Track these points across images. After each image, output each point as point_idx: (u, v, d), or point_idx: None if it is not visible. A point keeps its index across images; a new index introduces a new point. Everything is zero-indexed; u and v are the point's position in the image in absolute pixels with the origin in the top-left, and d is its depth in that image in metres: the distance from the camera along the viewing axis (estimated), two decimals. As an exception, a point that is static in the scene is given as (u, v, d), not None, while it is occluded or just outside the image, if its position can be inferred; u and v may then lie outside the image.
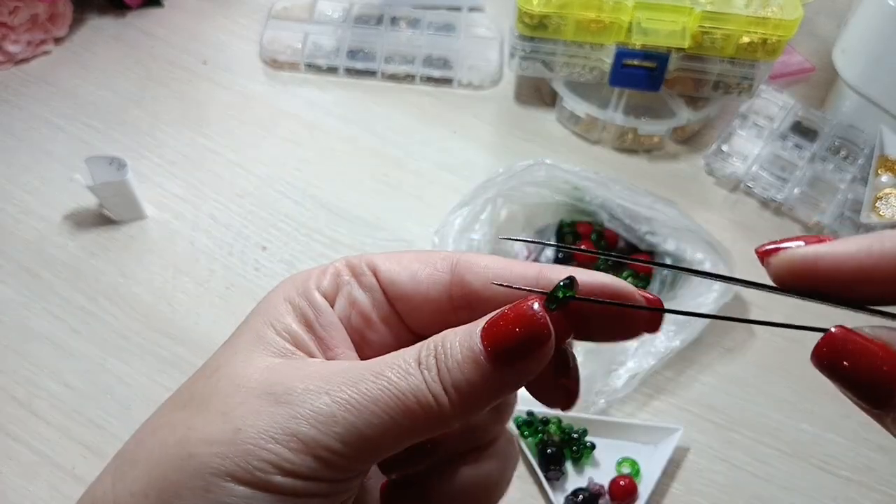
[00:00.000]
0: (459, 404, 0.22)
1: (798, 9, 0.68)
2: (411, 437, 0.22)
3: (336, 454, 0.21)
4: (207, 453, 0.21)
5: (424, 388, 0.22)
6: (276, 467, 0.21)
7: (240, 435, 0.21)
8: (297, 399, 0.22)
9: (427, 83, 0.80)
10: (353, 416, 0.21)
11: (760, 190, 0.71)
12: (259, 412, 0.22)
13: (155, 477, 0.22)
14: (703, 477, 0.55)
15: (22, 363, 0.57)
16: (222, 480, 0.21)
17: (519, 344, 0.22)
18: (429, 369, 0.22)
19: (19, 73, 0.78)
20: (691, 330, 0.59)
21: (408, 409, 0.21)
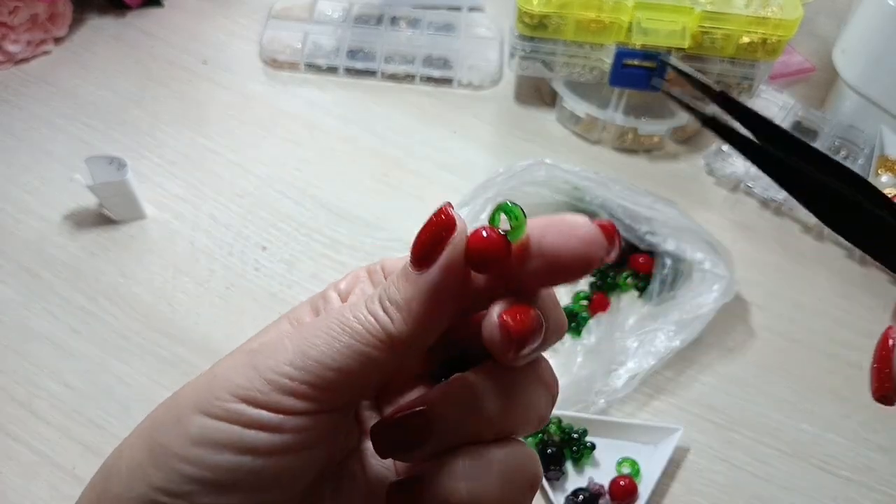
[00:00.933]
0: (400, 318, 0.23)
1: (798, 9, 0.68)
2: (365, 360, 0.23)
3: (286, 376, 0.22)
4: (186, 394, 0.24)
5: (364, 310, 0.23)
6: (233, 395, 0.23)
7: (214, 378, 0.23)
8: (265, 345, 0.24)
9: (427, 83, 0.80)
10: (300, 341, 0.23)
11: (760, 190, 0.71)
12: (234, 359, 0.24)
13: (148, 422, 0.24)
14: (703, 477, 0.55)
15: (22, 363, 0.57)
16: (190, 412, 0.23)
17: (431, 238, 0.23)
18: (372, 298, 0.24)
19: (19, 73, 0.78)
20: (691, 330, 0.59)
21: (350, 329, 0.23)
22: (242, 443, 0.22)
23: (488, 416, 0.24)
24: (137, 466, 0.23)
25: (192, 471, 0.22)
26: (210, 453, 0.22)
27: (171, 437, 0.23)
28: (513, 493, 0.25)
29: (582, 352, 0.59)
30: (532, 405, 0.25)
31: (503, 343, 0.23)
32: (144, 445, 0.23)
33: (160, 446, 0.23)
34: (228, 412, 0.22)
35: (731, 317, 0.62)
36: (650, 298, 0.62)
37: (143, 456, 0.23)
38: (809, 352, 0.61)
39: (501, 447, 0.25)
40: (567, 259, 0.23)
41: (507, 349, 0.23)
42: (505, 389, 0.25)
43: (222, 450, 0.22)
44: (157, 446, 0.23)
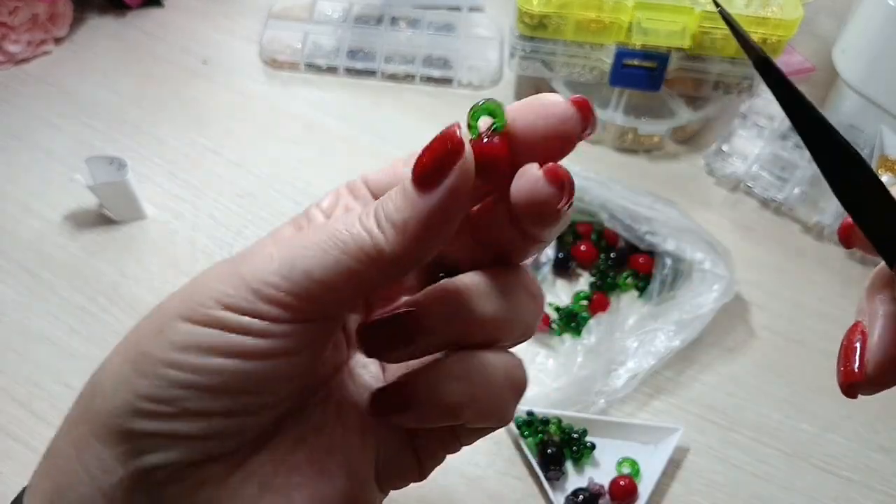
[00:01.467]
0: (396, 236, 0.22)
1: (798, 9, 0.68)
2: (353, 274, 0.22)
3: (273, 286, 0.22)
4: (169, 305, 0.23)
5: (357, 225, 0.22)
6: (218, 302, 0.22)
7: (198, 287, 0.23)
8: (248, 252, 0.24)
9: (427, 83, 0.80)
10: (287, 252, 0.22)
11: (760, 190, 0.71)
12: (219, 268, 0.24)
13: (131, 336, 0.24)
14: (703, 477, 0.55)
15: (22, 363, 0.57)
16: (173, 321, 0.23)
17: (435, 161, 0.22)
18: (366, 214, 0.23)
19: (19, 73, 0.78)
20: (691, 330, 0.59)
21: (341, 243, 0.22)
22: (228, 346, 0.22)
23: (476, 317, 0.24)
24: (122, 378, 0.23)
25: (179, 375, 0.22)
26: (196, 357, 0.22)
27: (155, 345, 0.22)
28: (501, 396, 0.25)
29: (582, 352, 0.59)
30: (519, 312, 0.25)
31: (555, 192, 0.23)
32: (127, 357, 0.23)
33: (143, 355, 0.23)
34: (213, 318, 0.22)
35: (731, 317, 0.62)
36: (650, 298, 0.62)
37: (126, 367, 0.23)
38: (809, 352, 0.61)
39: (490, 351, 0.25)
40: (544, 139, 0.24)
41: (558, 198, 0.23)
42: (493, 292, 0.25)
43: (209, 353, 0.22)
44: (139, 356, 0.23)
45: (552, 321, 0.61)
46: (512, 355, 0.26)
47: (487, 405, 0.25)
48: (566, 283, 0.65)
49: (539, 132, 0.24)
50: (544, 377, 0.58)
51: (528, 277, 0.26)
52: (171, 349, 0.22)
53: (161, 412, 0.22)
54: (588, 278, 0.65)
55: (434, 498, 0.52)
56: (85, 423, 0.24)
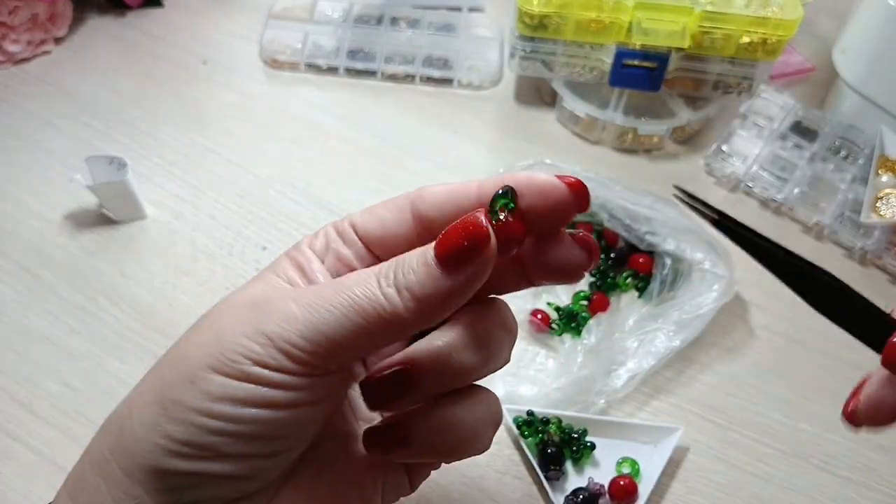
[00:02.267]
0: (414, 304, 0.25)
1: (798, 9, 0.68)
2: (371, 337, 0.25)
3: (298, 348, 0.25)
4: (196, 353, 0.26)
5: (377, 290, 0.25)
6: (248, 359, 0.25)
7: (222, 336, 0.25)
8: (271, 306, 0.26)
9: (427, 83, 0.80)
10: (312, 315, 0.25)
11: (760, 190, 0.71)
12: (239, 318, 0.26)
13: (156, 379, 0.27)
14: (703, 477, 0.55)
15: (22, 363, 0.57)
16: (204, 372, 0.25)
17: (463, 247, 0.24)
18: (385, 277, 0.25)
19: (19, 72, 0.78)
20: (691, 330, 0.59)
21: (361, 309, 0.25)
22: (263, 398, 0.25)
23: (463, 367, 0.27)
24: (152, 423, 0.25)
25: (215, 424, 0.24)
26: (231, 407, 0.24)
27: (188, 395, 0.25)
28: (483, 434, 0.29)
29: (582, 352, 0.59)
30: (499, 351, 0.29)
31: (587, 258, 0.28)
32: (156, 403, 0.25)
33: (173, 402, 0.25)
34: (243, 373, 0.24)
35: (731, 317, 0.62)
36: (650, 298, 0.62)
37: (156, 412, 0.25)
38: (809, 352, 0.61)
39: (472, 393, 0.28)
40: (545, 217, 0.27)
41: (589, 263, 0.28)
42: (477, 341, 0.27)
43: (244, 404, 0.24)
44: (170, 404, 0.25)
45: (552, 321, 0.61)
46: (490, 393, 0.29)
47: (470, 444, 0.28)
48: (566, 283, 0.65)
49: (540, 212, 0.27)
50: (544, 377, 0.58)
51: (504, 311, 0.29)
52: (206, 399, 0.24)
53: (197, 455, 0.24)
54: (588, 278, 0.65)
55: (434, 498, 0.52)
56: (114, 461, 0.26)
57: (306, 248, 0.29)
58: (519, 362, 0.59)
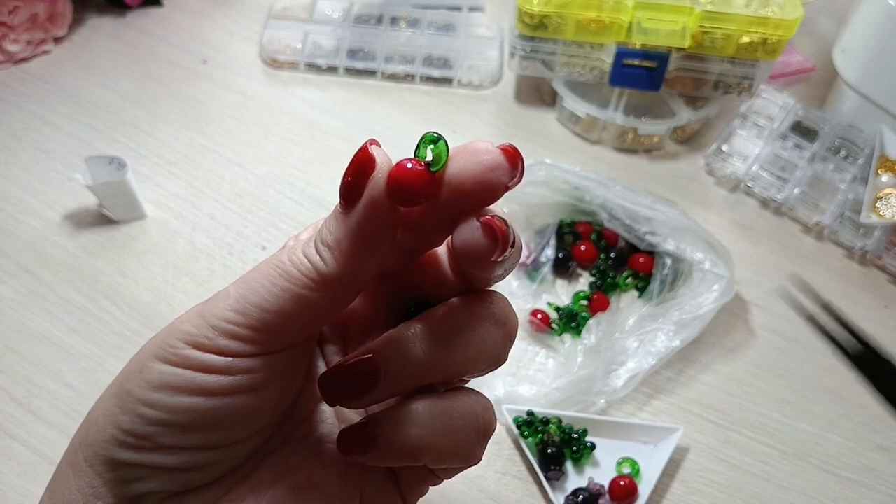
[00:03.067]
0: (331, 257, 0.24)
1: (798, 8, 0.68)
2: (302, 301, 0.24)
3: (231, 322, 0.24)
4: (149, 345, 0.25)
5: (299, 252, 0.24)
6: (184, 342, 0.24)
7: (169, 328, 0.25)
8: (215, 294, 0.25)
9: (427, 83, 0.80)
10: (242, 288, 0.24)
11: (760, 190, 0.71)
12: (190, 311, 0.25)
13: (121, 373, 0.26)
14: (703, 477, 0.55)
15: (21, 363, 0.57)
16: (149, 360, 0.24)
17: (354, 178, 0.24)
18: (308, 241, 0.25)
19: (19, 72, 0.78)
20: (691, 330, 0.59)
21: (287, 273, 0.24)
22: (195, 385, 0.24)
23: (436, 359, 0.24)
24: (109, 413, 0.25)
25: (154, 413, 0.24)
26: (167, 396, 0.24)
27: (134, 384, 0.24)
28: (464, 442, 0.25)
29: (582, 352, 0.59)
30: (484, 346, 0.25)
31: (489, 244, 0.23)
32: (114, 393, 0.25)
33: (126, 393, 0.25)
34: (180, 357, 0.24)
35: (731, 317, 0.62)
36: (650, 298, 0.62)
37: (112, 403, 0.25)
38: (809, 352, 0.61)
39: (453, 395, 0.25)
40: (471, 185, 0.24)
41: (492, 250, 0.23)
42: (453, 331, 0.25)
43: (178, 392, 0.24)
44: (123, 393, 0.25)
45: (552, 321, 0.61)
46: (479, 396, 0.26)
47: (448, 449, 0.25)
48: (566, 283, 0.65)
49: (468, 176, 0.24)
50: (544, 377, 0.58)
51: (496, 304, 0.26)
52: (147, 388, 0.24)
53: (140, 446, 0.24)
54: (588, 278, 0.65)
55: (433, 498, 0.52)
56: (81, 451, 0.26)
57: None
58: (519, 362, 0.59)
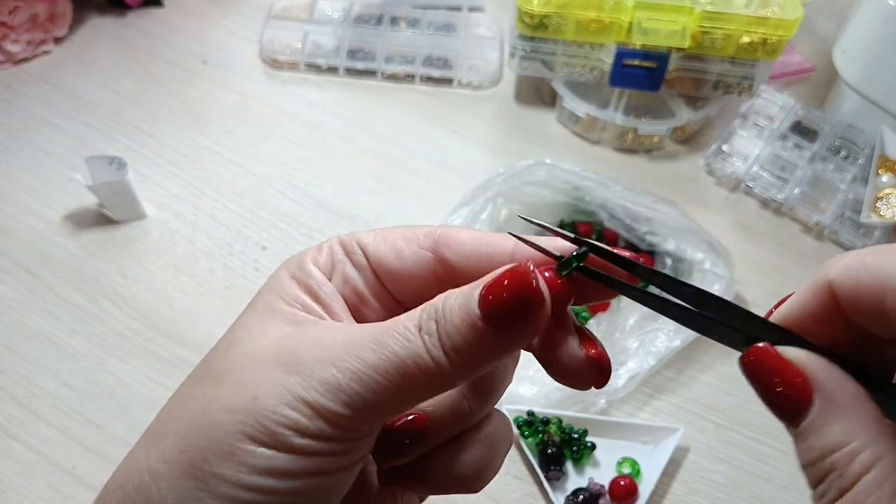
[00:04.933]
0: (459, 365, 0.23)
1: (798, 9, 0.68)
2: (414, 398, 0.24)
3: (342, 417, 0.23)
4: (230, 420, 0.23)
5: (424, 354, 0.23)
6: (292, 430, 0.23)
7: (257, 403, 0.23)
8: (307, 369, 0.23)
9: (427, 83, 0.80)
10: (356, 385, 0.23)
11: (760, 190, 0.71)
12: (273, 381, 0.23)
13: (184, 445, 0.23)
14: (703, 476, 0.55)
15: (21, 363, 0.57)
16: (245, 444, 0.23)
17: (515, 307, 0.23)
18: (429, 334, 0.23)
19: (19, 72, 0.78)
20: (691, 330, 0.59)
21: (408, 374, 0.23)
22: (307, 468, 0.23)
23: (474, 410, 0.26)
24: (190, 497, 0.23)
25: (259, 498, 0.23)
26: (277, 480, 0.23)
27: (228, 468, 0.23)
28: (498, 454, 0.28)
29: (582, 352, 0.58)
30: (507, 379, 0.28)
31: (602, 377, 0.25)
32: (189, 475, 0.23)
33: (214, 477, 0.23)
34: (289, 445, 0.23)
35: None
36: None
37: (191, 486, 0.23)
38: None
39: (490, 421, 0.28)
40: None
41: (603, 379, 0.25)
42: (485, 384, 0.27)
43: (289, 477, 0.23)
44: (209, 477, 0.23)
45: (552, 321, 0.61)
46: (501, 416, 0.29)
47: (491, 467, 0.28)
48: (566, 283, 0.65)
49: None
50: (544, 377, 0.58)
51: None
52: (249, 473, 0.23)
53: None
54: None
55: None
56: None
57: (312, 266, 0.27)
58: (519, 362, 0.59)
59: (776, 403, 0.21)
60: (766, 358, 0.22)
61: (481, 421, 0.28)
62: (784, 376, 0.21)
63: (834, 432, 0.20)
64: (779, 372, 0.21)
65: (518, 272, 0.23)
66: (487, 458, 0.27)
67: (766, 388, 0.22)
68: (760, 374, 0.22)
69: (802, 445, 0.21)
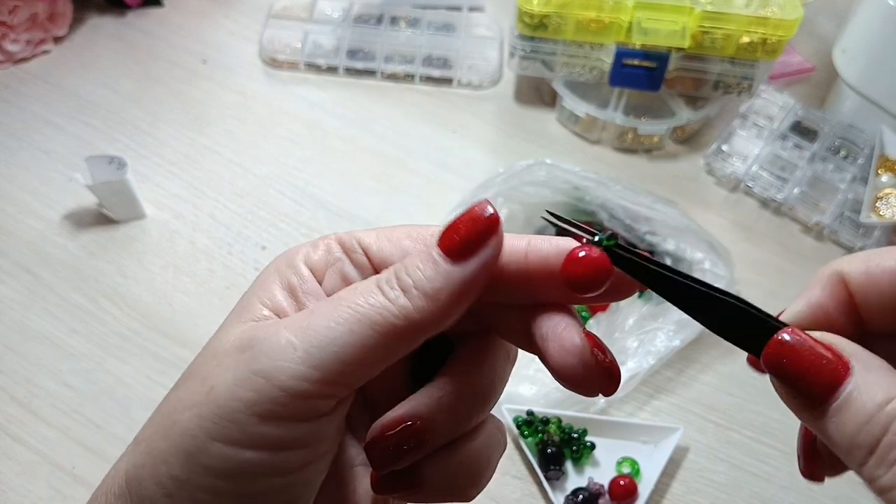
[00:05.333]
0: (425, 304, 0.22)
1: (798, 9, 0.68)
2: (384, 348, 0.22)
3: (304, 379, 0.21)
4: (188, 417, 0.22)
5: (382, 298, 0.22)
6: (252, 415, 0.21)
7: (212, 393, 0.22)
8: (258, 343, 0.22)
9: (427, 83, 0.80)
10: (311, 337, 0.21)
11: (760, 190, 0.71)
12: (227, 367, 0.22)
13: (150, 448, 0.23)
14: (703, 476, 0.55)
15: (21, 363, 0.57)
16: (202, 442, 0.21)
17: (471, 233, 0.23)
18: (388, 282, 0.23)
19: (19, 72, 0.78)
20: (691, 329, 0.59)
21: (368, 319, 0.22)
22: (273, 466, 0.22)
23: (472, 415, 0.26)
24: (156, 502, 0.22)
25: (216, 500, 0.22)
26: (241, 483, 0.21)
27: (186, 471, 0.21)
28: (493, 460, 0.28)
29: (582, 352, 0.58)
30: (504, 380, 0.28)
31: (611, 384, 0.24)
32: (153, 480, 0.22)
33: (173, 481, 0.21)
34: (252, 436, 0.21)
35: (730, 317, 0.62)
36: (650, 298, 0.62)
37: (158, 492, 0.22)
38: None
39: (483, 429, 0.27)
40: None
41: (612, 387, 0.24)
42: (484, 389, 0.26)
43: (254, 477, 0.21)
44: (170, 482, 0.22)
45: (552, 321, 0.61)
46: (496, 420, 0.28)
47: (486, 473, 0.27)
48: (566, 283, 0.65)
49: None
50: (544, 377, 0.58)
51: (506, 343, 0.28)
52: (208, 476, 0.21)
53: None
54: (588, 278, 0.65)
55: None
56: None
57: (301, 264, 0.26)
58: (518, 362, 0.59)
59: (809, 382, 0.21)
60: (795, 340, 0.21)
61: (477, 426, 0.27)
62: (816, 353, 0.21)
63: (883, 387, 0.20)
64: (809, 350, 0.21)
65: (474, 209, 0.23)
66: (483, 464, 0.27)
67: (796, 369, 0.21)
68: (790, 358, 0.21)
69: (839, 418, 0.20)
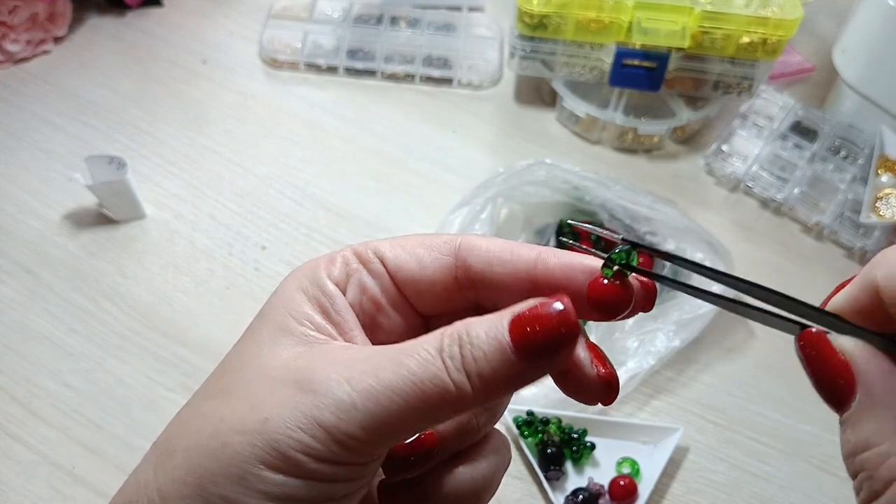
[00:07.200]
0: (482, 391, 0.22)
1: (798, 9, 0.68)
2: (428, 421, 0.23)
3: (357, 440, 0.22)
4: (239, 442, 0.22)
5: (445, 376, 0.22)
6: (304, 454, 0.22)
7: (268, 425, 0.22)
8: (320, 388, 0.23)
9: (427, 83, 0.80)
10: (373, 405, 0.22)
11: (760, 190, 0.71)
12: (284, 402, 0.23)
13: (193, 466, 0.23)
14: (703, 477, 0.55)
15: (21, 363, 0.57)
16: (255, 468, 0.22)
17: (550, 341, 0.22)
18: (452, 358, 0.22)
19: (19, 72, 0.78)
20: (691, 330, 0.59)
21: (426, 396, 0.22)
22: (321, 494, 0.23)
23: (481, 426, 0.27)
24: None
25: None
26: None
27: (238, 493, 0.22)
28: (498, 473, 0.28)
29: (582, 352, 0.58)
30: (507, 400, 0.28)
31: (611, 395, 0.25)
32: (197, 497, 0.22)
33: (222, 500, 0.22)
34: (302, 470, 0.22)
35: (730, 317, 0.62)
36: (650, 298, 0.62)
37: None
38: (809, 352, 0.61)
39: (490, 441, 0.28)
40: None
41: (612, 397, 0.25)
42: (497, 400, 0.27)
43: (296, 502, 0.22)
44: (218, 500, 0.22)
45: (552, 321, 0.61)
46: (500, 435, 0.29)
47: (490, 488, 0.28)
48: (566, 283, 0.65)
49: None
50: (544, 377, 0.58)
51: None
52: (260, 498, 0.22)
53: None
54: (588, 278, 0.65)
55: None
56: None
57: (326, 280, 0.26)
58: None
59: (825, 389, 0.22)
60: (818, 343, 0.22)
61: (483, 438, 0.28)
62: (832, 365, 0.21)
63: (868, 430, 0.20)
64: (827, 359, 0.21)
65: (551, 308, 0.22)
66: (489, 477, 0.27)
67: (816, 373, 0.22)
68: (811, 359, 0.22)
69: (844, 436, 0.21)
